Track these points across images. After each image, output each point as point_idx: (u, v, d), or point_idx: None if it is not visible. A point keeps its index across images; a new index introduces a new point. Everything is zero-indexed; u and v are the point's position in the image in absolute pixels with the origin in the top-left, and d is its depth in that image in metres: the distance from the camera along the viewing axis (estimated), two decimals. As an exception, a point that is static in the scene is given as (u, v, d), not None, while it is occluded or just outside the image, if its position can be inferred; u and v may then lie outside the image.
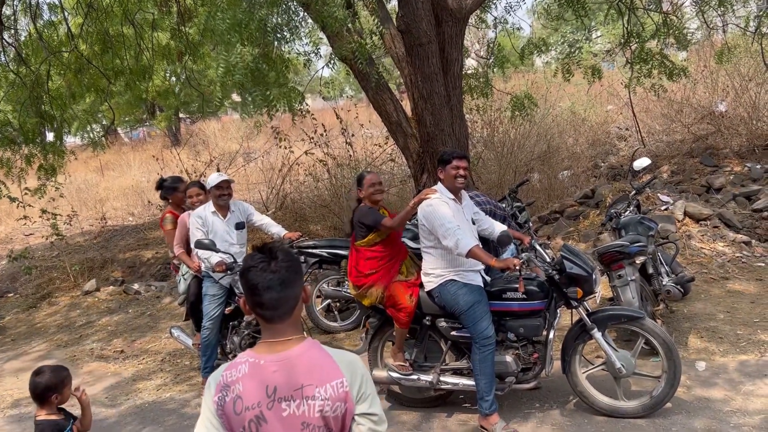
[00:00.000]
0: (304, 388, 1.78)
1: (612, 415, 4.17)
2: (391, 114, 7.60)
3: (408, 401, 4.73)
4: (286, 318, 1.84)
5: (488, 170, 10.41)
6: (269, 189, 11.62)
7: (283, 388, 1.78)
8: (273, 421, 1.78)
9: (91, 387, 6.11)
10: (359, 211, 4.60)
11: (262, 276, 1.80)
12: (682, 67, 9.03)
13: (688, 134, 11.22)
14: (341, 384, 1.79)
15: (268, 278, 1.80)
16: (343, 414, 1.80)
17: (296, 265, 1.87)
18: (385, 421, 1.84)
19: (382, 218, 4.48)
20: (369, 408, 1.82)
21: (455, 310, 4.20)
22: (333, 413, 1.78)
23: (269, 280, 1.80)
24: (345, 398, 1.79)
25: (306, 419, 1.77)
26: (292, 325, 1.86)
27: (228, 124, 25.44)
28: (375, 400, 1.85)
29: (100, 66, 8.77)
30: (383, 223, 4.44)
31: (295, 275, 1.84)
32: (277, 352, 1.82)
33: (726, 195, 8.42)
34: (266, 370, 1.80)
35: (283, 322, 1.85)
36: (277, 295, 1.80)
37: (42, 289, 9.92)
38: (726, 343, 5.17)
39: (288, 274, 1.82)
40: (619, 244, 4.87)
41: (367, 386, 1.84)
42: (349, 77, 31.49)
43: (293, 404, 1.78)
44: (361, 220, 4.53)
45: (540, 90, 12.79)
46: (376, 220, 4.47)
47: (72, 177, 15.67)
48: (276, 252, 1.84)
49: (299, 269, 1.89)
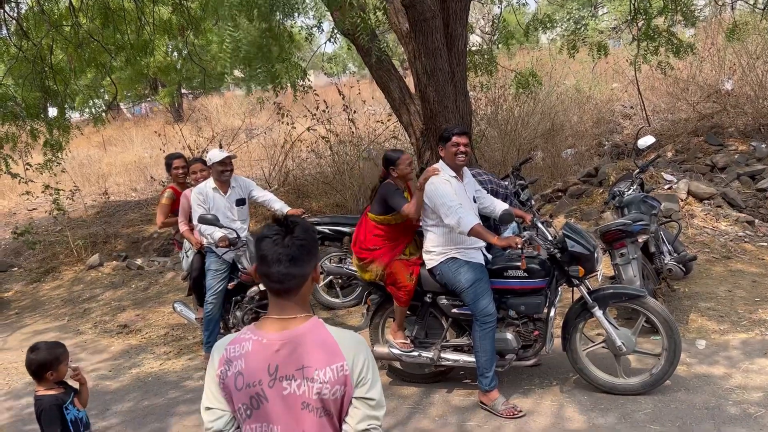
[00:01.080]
0: (305, 369, 1.77)
1: (611, 392, 4.20)
2: (393, 90, 7.55)
3: (409, 377, 4.77)
4: (292, 294, 1.81)
5: (491, 148, 10.36)
6: (271, 165, 11.60)
7: (285, 367, 1.78)
8: (273, 399, 1.78)
9: (94, 359, 6.17)
10: (387, 186, 4.48)
11: (273, 248, 1.78)
12: (689, 44, 8.93)
13: (694, 113, 11.13)
14: (341, 367, 1.77)
15: (279, 252, 1.77)
16: (342, 397, 1.79)
17: (311, 244, 1.83)
18: (383, 406, 1.83)
19: (404, 203, 4.39)
20: (367, 392, 1.80)
21: (456, 288, 4.21)
22: (332, 396, 1.77)
23: (279, 254, 1.77)
24: (345, 381, 1.77)
25: (306, 399, 1.77)
26: (299, 303, 1.83)
27: (230, 100, 25.30)
28: (375, 384, 1.82)
29: (101, 40, 8.70)
30: (404, 209, 4.37)
31: (306, 254, 1.81)
32: (281, 330, 1.80)
33: (730, 174, 8.37)
34: (269, 349, 1.79)
35: (289, 298, 1.82)
36: (284, 270, 1.77)
37: (46, 264, 9.97)
38: (727, 321, 5.19)
39: (299, 252, 1.79)
40: (622, 223, 4.86)
41: (368, 370, 1.81)
42: (351, 53, 31.22)
43: (294, 383, 1.77)
44: (386, 197, 4.44)
45: (545, 67, 12.67)
46: (397, 205, 4.39)
47: (74, 152, 15.64)
48: (294, 227, 1.80)
49: (313, 249, 1.85)
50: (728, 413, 3.83)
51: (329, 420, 1.81)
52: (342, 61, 35.50)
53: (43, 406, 3.03)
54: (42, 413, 3.03)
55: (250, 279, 5.18)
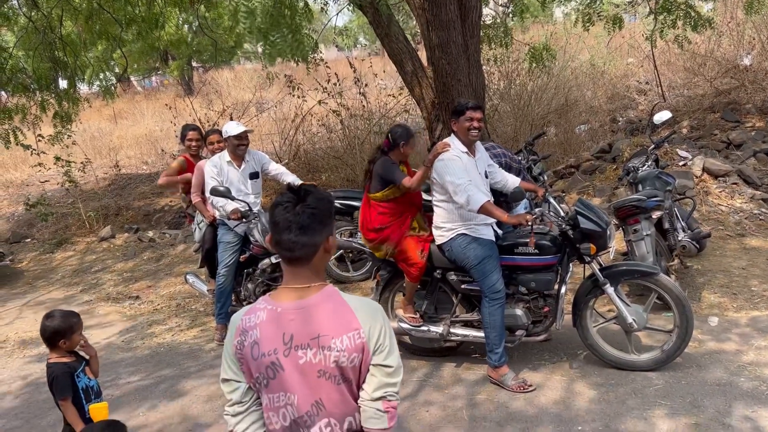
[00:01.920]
0: (320, 338, 1.76)
1: (622, 368, 4.19)
2: (406, 63, 7.46)
3: (418, 351, 4.78)
4: (304, 263, 1.80)
5: (504, 123, 10.27)
6: (282, 139, 11.56)
7: (300, 336, 1.76)
8: (289, 368, 1.77)
9: (106, 330, 6.24)
10: (382, 162, 4.46)
11: (283, 215, 1.77)
12: (707, 18, 8.74)
13: (710, 88, 10.95)
14: (358, 335, 1.76)
15: (289, 219, 1.76)
16: (360, 364, 1.79)
17: (323, 214, 1.79)
18: (399, 374, 1.82)
19: (403, 177, 4.37)
20: (385, 359, 1.79)
21: (465, 264, 4.19)
22: (350, 364, 1.77)
23: (289, 221, 1.76)
24: (362, 349, 1.77)
25: (322, 368, 1.76)
26: (313, 272, 1.81)
27: (241, 73, 25.18)
28: (393, 351, 1.81)
29: (111, 12, 8.64)
30: (403, 182, 4.35)
31: (318, 224, 1.78)
32: (295, 299, 1.79)
33: (746, 151, 8.25)
34: (283, 318, 1.78)
35: (302, 266, 1.80)
36: (294, 238, 1.76)
37: (58, 235, 10.06)
38: (740, 299, 5.15)
39: (309, 221, 1.76)
40: (636, 198, 4.81)
41: (386, 337, 1.80)
42: (363, 26, 30.89)
43: (310, 352, 1.76)
44: (381, 173, 4.44)
45: (559, 42, 12.47)
46: (396, 178, 4.38)
47: (85, 125, 15.67)
48: (306, 196, 1.78)
49: (326, 218, 1.81)
50: (740, 389, 3.81)
51: (348, 387, 1.81)
52: (353, 35, 35.17)
53: (54, 374, 3.07)
54: (54, 380, 3.07)
55: (261, 251, 5.19)
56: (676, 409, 3.67)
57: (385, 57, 8.19)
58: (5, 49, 9.74)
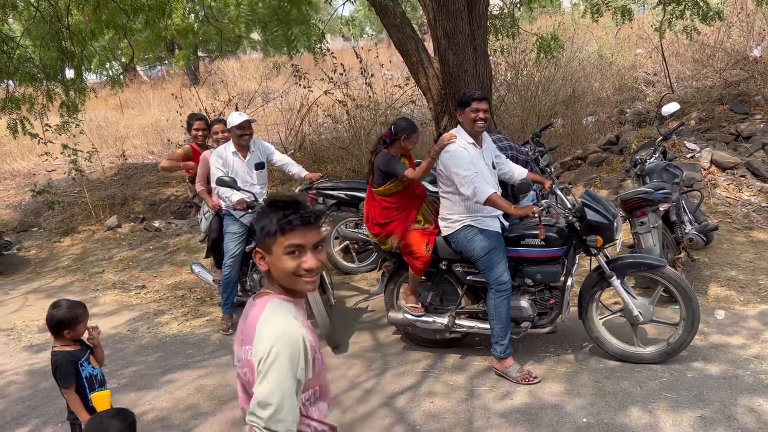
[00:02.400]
0: (244, 341, 1.87)
1: (628, 360, 4.18)
2: (412, 53, 7.41)
3: (423, 342, 4.78)
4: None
5: (511, 114, 10.21)
6: (288, 130, 11.54)
7: (240, 335, 1.90)
8: (242, 358, 1.88)
9: (111, 319, 6.27)
10: (381, 156, 4.46)
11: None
12: (717, 10, 8.65)
13: (719, 80, 10.85)
14: (249, 351, 1.79)
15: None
16: (251, 380, 1.77)
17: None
18: (267, 408, 1.67)
19: (404, 169, 4.38)
20: (257, 386, 1.71)
21: (472, 256, 4.18)
22: (245, 377, 1.85)
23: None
24: (252, 367, 1.76)
25: (239, 371, 1.91)
26: (269, 279, 1.90)
27: (247, 63, 25.14)
28: (268, 382, 1.68)
29: (118, 1, 8.63)
30: (406, 174, 4.34)
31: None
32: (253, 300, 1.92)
33: (755, 143, 8.18)
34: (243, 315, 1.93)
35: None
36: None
37: (65, 224, 10.09)
38: (747, 292, 5.12)
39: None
40: (643, 191, 4.78)
41: (267, 365, 1.69)
42: (369, 16, 30.76)
43: (243, 350, 1.86)
44: (382, 167, 4.44)
45: (567, 32, 12.38)
46: (398, 171, 4.38)
47: (91, 114, 15.70)
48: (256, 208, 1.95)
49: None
50: (745, 383, 3.80)
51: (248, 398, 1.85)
52: (359, 24, 35.03)
53: (58, 362, 3.10)
54: (57, 368, 3.09)
55: (266, 242, 5.18)
56: (681, 402, 3.66)
57: (392, 47, 8.16)
58: (12, 38, 9.75)
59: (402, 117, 4.76)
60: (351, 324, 5.46)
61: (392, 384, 4.28)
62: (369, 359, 4.71)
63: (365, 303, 5.98)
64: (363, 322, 5.50)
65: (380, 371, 4.48)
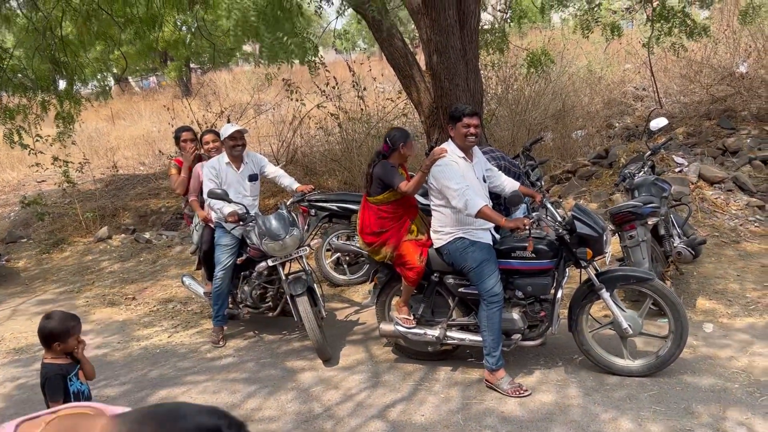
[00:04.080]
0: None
1: (617, 373, 4.21)
2: (404, 67, 7.47)
3: (414, 354, 4.79)
4: None
5: (501, 128, 10.30)
6: (280, 142, 11.57)
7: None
8: None
9: (102, 331, 6.23)
10: (381, 166, 4.50)
11: None
12: (703, 26, 8.81)
13: (707, 95, 11.01)
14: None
15: None
16: None
17: None
18: None
19: (401, 180, 4.41)
20: None
21: (463, 268, 4.21)
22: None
23: None
24: None
25: None
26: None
27: (239, 75, 25.21)
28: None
29: (110, 13, 8.64)
30: (400, 186, 4.38)
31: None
32: None
33: (742, 158, 8.29)
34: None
35: None
36: None
37: (55, 236, 10.03)
38: (735, 305, 5.17)
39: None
40: (632, 205, 4.84)
41: None
42: (361, 30, 30.91)
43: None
44: (381, 176, 4.47)
45: (557, 47, 12.53)
46: (395, 181, 4.41)
47: (83, 125, 15.66)
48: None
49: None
50: (734, 396, 3.83)
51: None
52: (352, 38, 35.20)
53: (47, 375, 3.06)
54: (46, 382, 3.06)
55: (258, 254, 5.19)
56: (671, 415, 3.69)
57: (384, 60, 8.21)
58: (5, 49, 9.74)
59: (394, 128, 4.81)
60: (342, 336, 5.46)
61: (384, 397, 4.28)
62: (360, 372, 4.71)
63: (356, 315, 5.98)
64: (354, 335, 5.50)
65: (372, 384, 4.49)
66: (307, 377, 4.71)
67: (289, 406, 4.29)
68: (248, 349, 5.39)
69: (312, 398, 4.36)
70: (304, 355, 5.10)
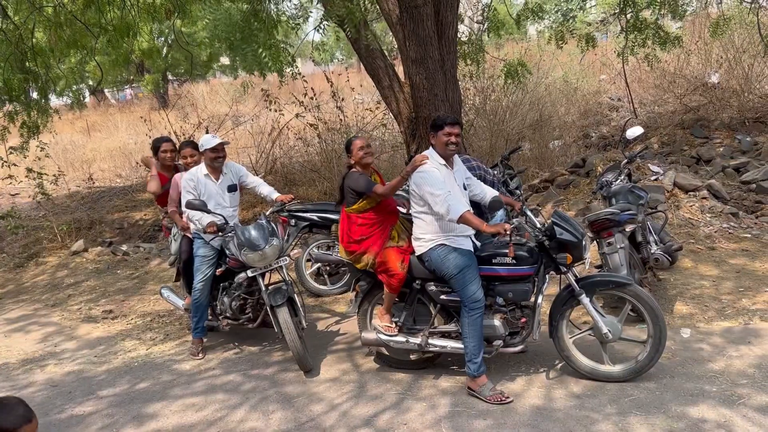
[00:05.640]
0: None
1: (597, 378, 4.24)
2: (383, 78, 7.53)
3: (397, 363, 4.77)
4: None
5: (479, 138, 10.38)
6: (258, 153, 11.53)
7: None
8: None
9: (79, 346, 6.12)
10: (350, 176, 4.60)
11: None
12: (675, 37, 8.99)
13: (680, 105, 11.23)
14: None
15: None
16: None
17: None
18: None
19: (374, 185, 4.49)
20: None
21: (445, 274, 4.22)
22: None
23: None
24: None
25: None
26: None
27: (216, 87, 25.10)
28: None
29: (83, 21, 8.54)
30: (374, 189, 4.45)
31: None
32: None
33: (715, 166, 8.47)
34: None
35: None
36: None
37: (29, 249, 9.86)
38: (711, 310, 5.25)
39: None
40: (610, 212, 4.90)
41: None
42: (339, 42, 31.04)
43: None
44: (352, 185, 4.54)
45: (533, 59, 12.70)
46: (368, 187, 4.47)
47: (58, 138, 15.45)
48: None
49: None
50: (712, 399, 3.88)
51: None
52: (330, 49, 35.31)
53: None
54: None
55: (238, 265, 5.15)
56: (651, 419, 3.72)
57: (362, 71, 8.27)
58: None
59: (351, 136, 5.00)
60: (324, 347, 5.43)
61: (366, 407, 4.26)
62: (342, 382, 4.68)
63: (337, 325, 5.96)
64: (336, 345, 5.48)
65: (354, 394, 4.46)
66: (289, 389, 4.67)
67: (272, 417, 4.24)
68: (229, 361, 5.33)
69: (296, 409, 4.32)
70: (286, 366, 5.06)
